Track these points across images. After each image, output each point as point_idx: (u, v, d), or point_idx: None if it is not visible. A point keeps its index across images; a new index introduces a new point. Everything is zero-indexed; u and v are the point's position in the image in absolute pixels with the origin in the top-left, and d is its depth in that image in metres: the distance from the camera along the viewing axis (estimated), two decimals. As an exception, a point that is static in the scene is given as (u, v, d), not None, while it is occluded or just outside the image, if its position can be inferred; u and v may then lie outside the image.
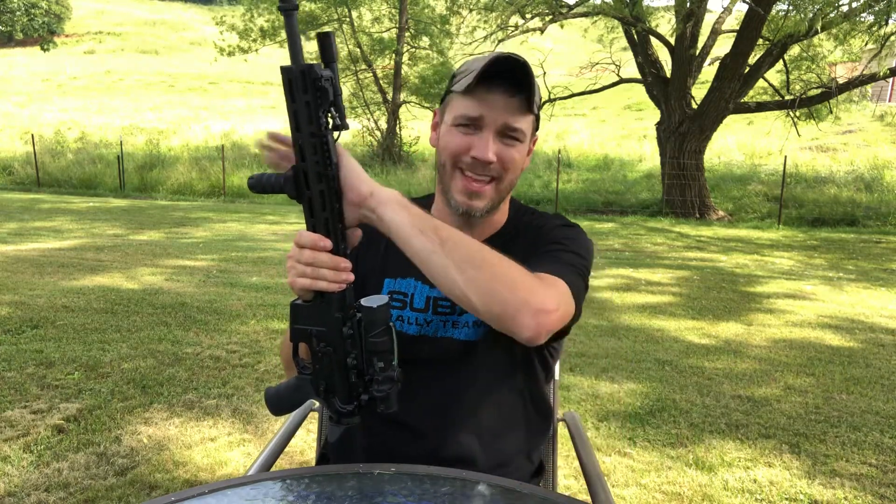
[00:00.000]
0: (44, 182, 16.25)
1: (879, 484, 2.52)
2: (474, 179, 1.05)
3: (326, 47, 0.80)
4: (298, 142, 0.82)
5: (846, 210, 12.35)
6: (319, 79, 0.79)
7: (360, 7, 18.07)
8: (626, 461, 2.67)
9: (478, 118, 1.04)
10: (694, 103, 12.73)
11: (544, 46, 14.08)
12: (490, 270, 0.87)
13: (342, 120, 0.82)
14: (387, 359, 0.87)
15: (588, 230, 6.17)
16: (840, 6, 10.97)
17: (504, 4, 13.06)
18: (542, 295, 0.89)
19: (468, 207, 1.07)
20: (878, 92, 21.98)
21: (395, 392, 0.89)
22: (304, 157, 0.83)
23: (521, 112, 1.04)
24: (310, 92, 0.80)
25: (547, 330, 0.90)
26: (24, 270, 5.99)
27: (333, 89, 0.81)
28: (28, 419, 2.87)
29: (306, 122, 0.81)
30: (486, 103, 1.03)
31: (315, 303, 0.88)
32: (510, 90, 1.02)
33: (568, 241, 1.09)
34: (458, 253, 0.86)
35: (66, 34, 56.92)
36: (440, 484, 0.87)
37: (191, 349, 3.90)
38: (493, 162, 1.04)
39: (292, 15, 0.79)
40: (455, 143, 1.06)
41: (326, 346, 0.88)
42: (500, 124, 1.03)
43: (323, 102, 0.80)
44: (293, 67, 0.80)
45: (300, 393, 0.93)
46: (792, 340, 4.47)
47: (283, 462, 2.52)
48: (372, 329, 0.86)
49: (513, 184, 1.10)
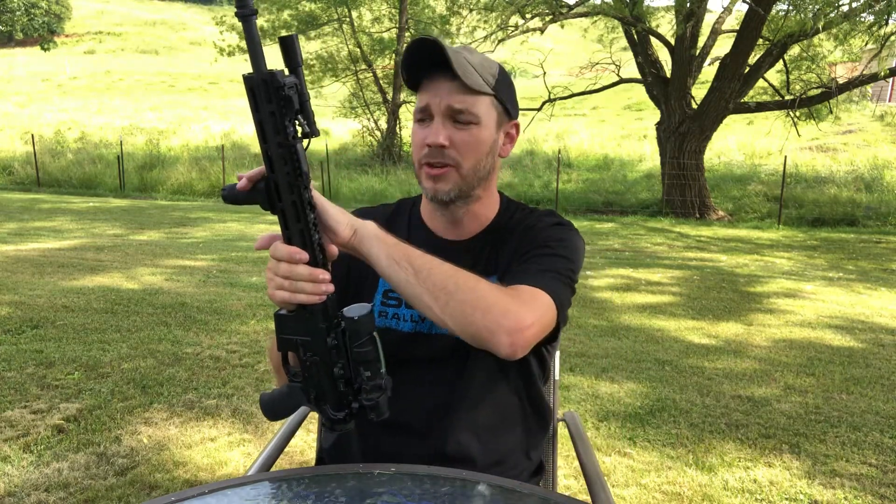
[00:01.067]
0: (44, 182, 16.25)
1: (879, 484, 2.52)
2: (433, 165, 1.06)
3: (290, 51, 0.78)
4: (267, 153, 0.80)
5: (846, 210, 12.35)
6: (283, 87, 0.77)
7: (360, 7, 18.08)
8: (626, 461, 2.67)
9: (425, 107, 1.06)
10: (694, 103, 12.73)
11: (544, 46, 14.06)
12: (463, 296, 0.91)
13: (311, 127, 0.80)
14: (374, 367, 0.87)
15: (588, 230, 6.13)
16: (840, 6, 10.97)
17: (504, 4, 13.05)
18: (516, 314, 0.92)
19: (434, 192, 1.07)
20: (878, 92, 21.98)
21: (385, 400, 0.89)
22: (274, 169, 0.81)
23: (460, 91, 1.04)
24: (274, 101, 0.77)
25: (523, 346, 0.93)
26: (24, 270, 5.99)
27: (300, 96, 0.78)
28: (28, 419, 2.87)
29: (273, 132, 0.79)
30: (429, 91, 1.05)
31: (299, 313, 0.87)
32: (447, 74, 1.03)
33: (555, 244, 1.08)
34: (431, 280, 0.90)
35: (66, 34, 56.92)
36: (440, 484, 0.87)
37: (191, 349, 3.90)
38: (446, 146, 1.04)
39: (250, 20, 0.76)
40: (416, 138, 1.08)
41: (313, 355, 0.88)
42: (444, 108, 1.04)
43: (288, 111, 0.78)
44: (254, 76, 0.77)
45: (293, 400, 0.94)
46: (792, 340, 4.47)
47: (283, 462, 2.52)
48: (356, 339, 0.86)
49: (478, 168, 1.08)
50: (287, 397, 0.94)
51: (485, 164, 1.09)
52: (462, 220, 1.14)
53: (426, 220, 1.18)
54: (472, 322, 0.90)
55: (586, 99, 16.88)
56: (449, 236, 1.16)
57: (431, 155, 1.05)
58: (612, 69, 13.80)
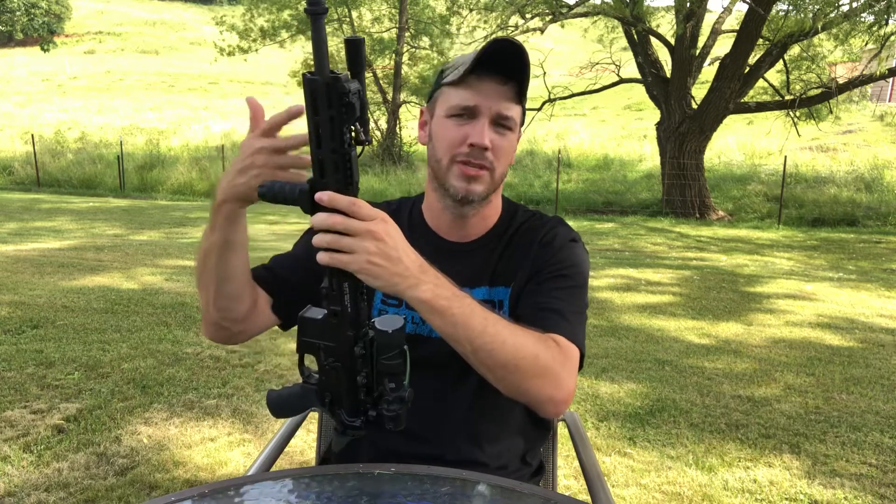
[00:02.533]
0: (44, 182, 16.24)
1: (879, 484, 2.52)
2: (472, 165, 1.05)
3: (355, 55, 0.74)
4: (318, 157, 0.77)
5: (846, 210, 12.34)
6: (347, 93, 0.73)
7: (360, 7, 18.06)
8: (626, 461, 2.67)
9: (473, 107, 1.04)
10: (694, 103, 12.73)
11: (544, 46, 14.06)
12: (518, 374, 0.92)
13: (366, 135, 0.77)
14: (399, 380, 0.85)
15: (588, 230, 6.15)
16: (840, 6, 10.97)
17: (504, 4, 13.06)
18: (565, 382, 0.96)
19: (466, 192, 1.06)
20: (878, 92, 21.98)
21: (406, 412, 0.87)
22: (324, 174, 0.77)
23: (513, 100, 1.05)
24: (335, 107, 0.74)
25: (565, 407, 0.98)
26: (24, 270, 5.99)
27: (361, 103, 0.75)
28: (28, 419, 2.87)
29: (329, 137, 0.75)
30: (480, 92, 1.03)
31: (326, 318, 0.84)
32: (502, 78, 1.03)
33: (574, 271, 1.10)
34: (491, 360, 0.91)
35: (66, 34, 56.92)
36: (440, 484, 0.87)
37: (191, 349, 3.90)
38: (489, 148, 1.04)
39: (320, 19, 0.71)
40: (451, 134, 1.05)
41: (335, 361, 0.85)
42: (493, 112, 1.04)
43: (349, 118, 0.75)
44: (318, 78, 0.73)
45: (304, 401, 0.92)
46: (792, 340, 4.46)
47: (283, 462, 2.52)
48: (386, 352, 0.83)
49: (504, 173, 1.10)
50: (298, 398, 0.92)
51: (507, 169, 1.11)
52: (469, 222, 1.13)
53: (429, 221, 1.17)
54: (525, 392, 0.95)
55: (586, 99, 16.87)
56: (452, 238, 1.15)
57: (473, 155, 1.04)
58: (612, 69, 13.80)
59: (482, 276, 1.12)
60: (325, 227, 0.78)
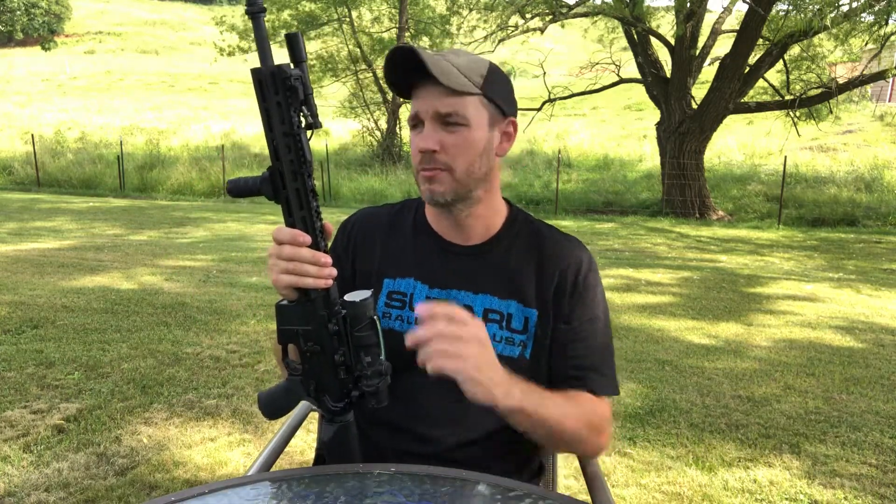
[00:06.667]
0: (44, 182, 16.24)
1: (879, 484, 2.52)
2: (427, 169, 1.07)
3: (295, 47, 0.82)
4: (272, 142, 0.83)
5: (846, 210, 12.34)
6: (289, 78, 0.81)
7: (360, 7, 18.07)
8: (626, 461, 2.67)
9: (415, 115, 1.06)
10: (694, 103, 12.73)
11: (544, 46, 14.09)
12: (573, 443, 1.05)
13: (314, 118, 0.84)
14: (374, 353, 0.90)
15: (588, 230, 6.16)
16: (840, 6, 10.96)
17: (504, 4, 13.06)
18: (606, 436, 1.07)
19: (431, 194, 1.07)
20: (878, 92, 21.98)
21: (385, 386, 0.91)
22: (279, 157, 0.84)
23: (446, 95, 1.03)
24: (280, 92, 0.81)
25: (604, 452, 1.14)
26: (24, 270, 5.99)
27: (304, 88, 0.82)
28: (28, 419, 2.87)
29: (279, 121, 0.82)
30: (417, 98, 1.06)
31: (300, 302, 0.89)
32: (431, 79, 1.02)
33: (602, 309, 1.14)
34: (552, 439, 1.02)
35: (66, 34, 56.95)
36: (440, 484, 0.87)
37: (191, 349, 3.90)
38: (436, 150, 1.04)
39: (260, 18, 0.80)
40: (412, 147, 1.09)
41: (314, 344, 0.90)
42: (432, 113, 1.04)
43: (293, 101, 0.82)
44: (263, 69, 0.81)
45: (292, 395, 0.95)
46: (792, 340, 4.47)
47: (283, 462, 2.52)
48: (357, 324, 0.88)
49: (473, 170, 1.07)
50: (285, 392, 0.95)
51: (479, 164, 1.07)
52: (467, 224, 1.13)
53: (432, 223, 1.17)
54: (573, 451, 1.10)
55: (586, 99, 16.87)
56: (456, 240, 1.14)
57: (424, 161, 1.06)
58: (612, 69, 13.80)
59: (489, 284, 1.11)
60: (436, 335, 0.85)
